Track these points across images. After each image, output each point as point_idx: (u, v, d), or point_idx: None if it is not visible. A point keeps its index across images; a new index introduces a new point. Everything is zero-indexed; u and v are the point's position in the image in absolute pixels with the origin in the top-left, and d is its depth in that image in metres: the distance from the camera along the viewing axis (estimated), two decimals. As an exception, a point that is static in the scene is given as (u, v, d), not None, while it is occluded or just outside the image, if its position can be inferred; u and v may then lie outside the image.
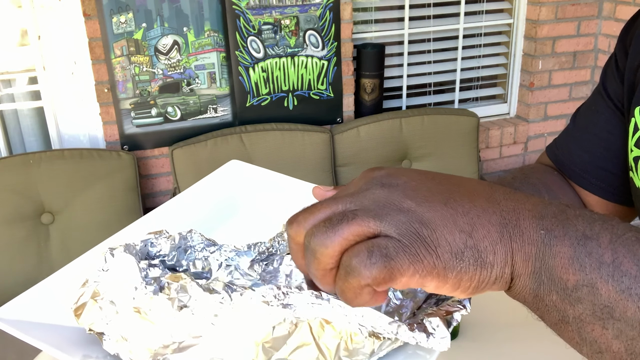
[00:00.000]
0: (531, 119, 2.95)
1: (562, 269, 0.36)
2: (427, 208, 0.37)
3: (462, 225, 0.37)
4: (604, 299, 0.35)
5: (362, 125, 2.47)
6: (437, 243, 0.36)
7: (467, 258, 0.37)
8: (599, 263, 0.35)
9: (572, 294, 0.36)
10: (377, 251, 0.36)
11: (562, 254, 0.36)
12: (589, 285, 0.35)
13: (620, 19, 2.76)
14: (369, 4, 2.63)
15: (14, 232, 2.09)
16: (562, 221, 0.37)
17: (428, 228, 0.37)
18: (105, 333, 0.48)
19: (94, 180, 2.17)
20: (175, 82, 2.35)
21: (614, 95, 0.70)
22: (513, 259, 0.38)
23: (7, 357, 1.83)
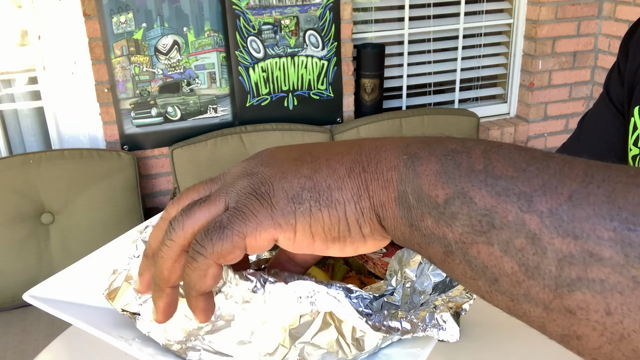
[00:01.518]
0: (531, 119, 2.95)
1: (430, 186, 0.33)
2: (273, 167, 0.37)
3: (304, 172, 0.36)
4: (480, 207, 0.31)
5: (362, 125, 2.47)
6: (273, 194, 0.36)
7: (306, 200, 0.35)
8: (469, 171, 0.32)
9: (446, 211, 0.32)
10: (212, 227, 0.36)
11: (427, 170, 0.33)
12: (460, 196, 0.31)
13: (620, 19, 2.76)
14: (369, 4, 2.63)
15: (14, 232, 2.09)
16: (430, 144, 0.34)
17: (266, 184, 0.36)
18: (139, 313, 0.50)
19: (94, 180, 2.17)
20: (175, 82, 2.35)
21: (616, 99, 0.73)
22: (368, 189, 0.35)
23: (6, 357, 1.84)
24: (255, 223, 0.35)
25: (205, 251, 0.35)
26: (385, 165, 0.35)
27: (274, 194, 0.36)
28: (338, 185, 0.35)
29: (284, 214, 0.35)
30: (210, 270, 0.36)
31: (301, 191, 0.35)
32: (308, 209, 0.35)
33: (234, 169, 0.39)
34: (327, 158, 0.37)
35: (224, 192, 0.37)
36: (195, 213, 0.37)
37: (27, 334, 1.93)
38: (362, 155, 0.36)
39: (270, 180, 0.36)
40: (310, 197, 0.35)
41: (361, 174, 0.35)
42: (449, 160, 0.33)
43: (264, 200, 0.36)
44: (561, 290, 0.28)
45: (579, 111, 3.03)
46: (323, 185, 0.35)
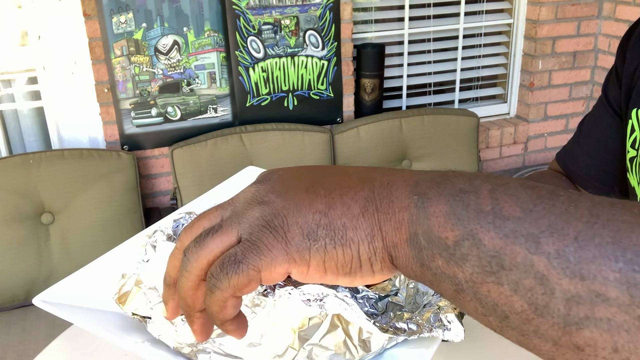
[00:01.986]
0: (531, 119, 2.95)
1: (439, 228, 0.33)
2: (286, 197, 0.37)
3: (318, 207, 0.36)
4: (489, 249, 0.32)
5: (362, 125, 2.47)
6: (287, 229, 0.36)
7: (321, 237, 0.36)
8: (477, 212, 0.33)
9: (456, 252, 0.33)
10: (227, 261, 0.36)
11: (437, 212, 0.34)
12: (470, 238, 0.32)
13: (620, 19, 2.76)
14: (369, 4, 2.63)
15: (14, 232, 2.09)
16: (439, 183, 0.35)
17: (279, 217, 0.36)
18: (150, 317, 0.50)
19: (94, 180, 2.17)
20: (175, 82, 2.35)
21: (614, 102, 0.74)
22: (381, 230, 0.36)
23: (7, 357, 1.83)
24: (270, 258, 0.36)
25: (221, 284, 0.36)
26: (397, 205, 0.35)
27: (288, 228, 0.36)
28: (353, 224, 0.36)
29: (298, 250, 0.36)
30: (229, 302, 0.37)
31: (316, 228, 0.36)
32: (323, 247, 0.36)
33: (243, 195, 0.39)
34: (340, 193, 0.37)
35: (236, 222, 0.37)
36: (209, 244, 0.37)
37: (27, 334, 1.93)
38: (375, 193, 0.36)
39: (283, 212, 0.36)
40: (325, 234, 0.36)
41: (375, 213, 0.36)
42: (457, 202, 0.33)
43: (278, 235, 0.36)
44: (569, 328, 0.29)
45: (579, 111, 3.03)
46: (338, 224, 0.36)
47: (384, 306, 0.50)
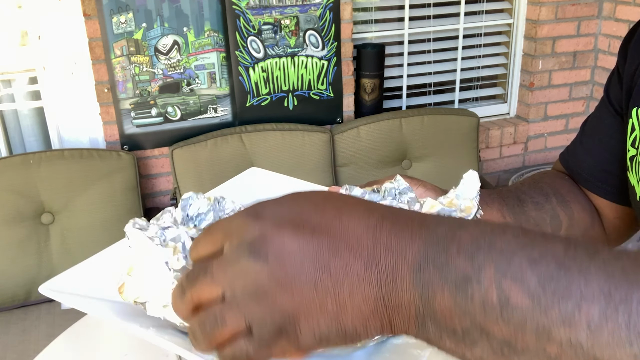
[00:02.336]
0: (531, 119, 2.95)
1: (447, 319, 0.34)
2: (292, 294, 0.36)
3: (329, 309, 0.36)
4: (499, 338, 0.32)
5: (362, 125, 2.47)
6: (299, 332, 0.36)
7: (334, 340, 0.36)
8: (483, 306, 0.32)
9: (465, 339, 0.33)
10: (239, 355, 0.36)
11: (442, 305, 0.34)
12: (478, 329, 0.33)
13: (620, 19, 2.76)
14: (369, 4, 2.63)
15: (14, 232, 2.09)
16: (441, 267, 0.34)
17: (291, 322, 0.36)
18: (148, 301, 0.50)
19: (94, 180, 2.17)
20: (175, 82, 2.35)
21: (615, 101, 0.74)
22: (390, 323, 0.36)
23: (7, 357, 1.84)
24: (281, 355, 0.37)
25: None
26: (404, 300, 0.35)
27: (300, 332, 0.36)
28: (363, 324, 0.36)
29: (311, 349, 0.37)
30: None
31: (328, 333, 0.36)
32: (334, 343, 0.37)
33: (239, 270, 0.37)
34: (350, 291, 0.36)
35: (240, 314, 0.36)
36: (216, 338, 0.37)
37: (27, 334, 1.93)
38: (382, 285, 0.35)
39: (295, 317, 0.36)
40: (336, 336, 0.36)
41: (384, 312, 0.36)
42: (460, 293, 0.33)
43: (290, 339, 0.36)
44: None
45: (579, 111, 3.03)
46: (349, 327, 0.36)
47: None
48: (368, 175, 2.50)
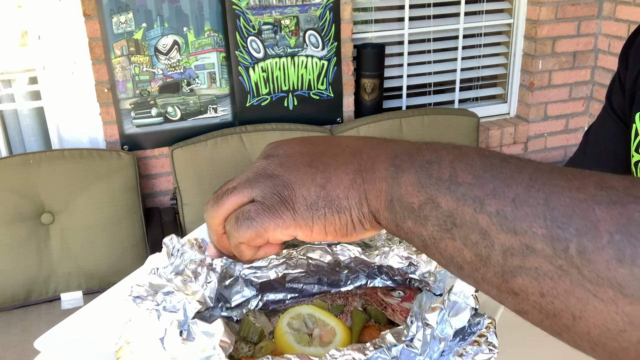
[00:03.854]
0: (531, 119, 2.95)
1: (408, 195, 0.40)
2: (292, 171, 0.45)
3: (318, 181, 0.44)
4: (445, 210, 0.38)
5: (362, 125, 2.47)
6: (295, 200, 0.44)
7: (321, 207, 0.43)
8: (437, 180, 0.39)
9: (420, 214, 0.39)
10: (241, 216, 0.45)
11: (407, 182, 0.40)
12: (430, 202, 0.39)
13: (620, 19, 2.76)
14: (369, 4, 2.63)
15: (14, 232, 2.09)
16: (412, 154, 0.41)
17: (288, 189, 0.44)
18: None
19: (94, 180, 2.17)
20: (175, 82, 2.35)
21: (618, 108, 0.75)
22: (367, 198, 0.42)
23: (7, 357, 1.84)
24: (279, 222, 0.44)
25: (235, 234, 0.45)
26: (378, 176, 0.42)
27: (295, 199, 0.44)
28: (345, 194, 0.43)
29: (304, 218, 0.44)
30: (242, 247, 0.46)
31: (317, 200, 0.43)
32: (323, 215, 0.43)
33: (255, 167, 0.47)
34: (335, 167, 0.44)
35: (249, 187, 0.45)
36: (224, 203, 0.46)
37: (27, 334, 1.93)
38: (362, 166, 0.43)
39: (291, 186, 0.44)
40: (324, 205, 0.43)
41: (361, 184, 0.43)
42: (423, 171, 0.40)
43: (287, 204, 0.44)
44: (507, 276, 0.35)
45: (579, 111, 3.03)
46: (334, 195, 0.43)
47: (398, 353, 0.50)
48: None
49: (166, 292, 0.52)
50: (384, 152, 0.43)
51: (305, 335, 0.56)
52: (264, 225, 0.44)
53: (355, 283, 0.65)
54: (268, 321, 0.60)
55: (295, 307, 0.60)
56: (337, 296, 0.63)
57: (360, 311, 0.60)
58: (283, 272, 0.63)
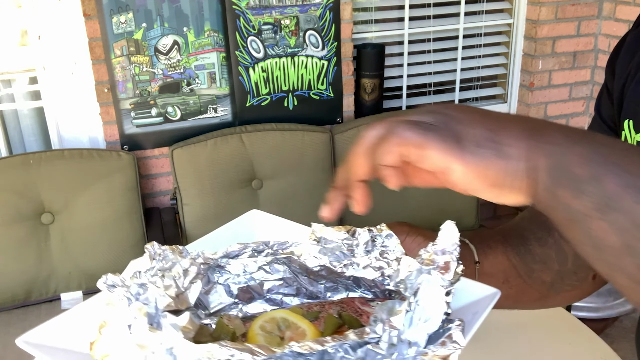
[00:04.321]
0: (531, 119, 2.95)
1: (575, 165, 0.41)
2: (465, 113, 0.45)
3: (490, 125, 0.44)
4: (607, 191, 0.39)
5: (362, 125, 2.47)
6: (464, 134, 0.44)
7: (488, 148, 0.43)
8: (608, 162, 0.40)
9: (580, 187, 0.40)
10: (419, 124, 0.44)
11: (578, 152, 0.41)
12: (595, 179, 0.39)
13: (620, 19, 2.76)
14: (369, 4, 2.63)
15: (14, 232, 2.09)
16: (584, 132, 0.43)
17: (460, 124, 0.44)
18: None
19: (94, 180, 2.17)
20: (175, 82, 2.35)
21: (608, 118, 0.75)
22: (534, 155, 0.43)
23: (6, 357, 1.84)
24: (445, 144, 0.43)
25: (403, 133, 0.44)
26: (549, 139, 0.43)
27: (465, 134, 0.44)
28: (515, 145, 0.43)
29: (469, 152, 0.43)
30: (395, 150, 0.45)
31: (486, 140, 0.44)
32: (488, 155, 0.43)
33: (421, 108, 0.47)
34: (507, 120, 0.45)
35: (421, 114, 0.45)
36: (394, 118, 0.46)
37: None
38: (534, 127, 0.44)
39: (464, 122, 0.44)
40: (492, 147, 0.43)
41: (533, 142, 0.43)
42: (595, 149, 0.41)
43: (456, 136, 0.44)
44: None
45: (579, 111, 3.03)
46: (503, 141, 0.43)
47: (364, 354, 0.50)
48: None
49: (140, 284, 0.54)
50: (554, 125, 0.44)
51: (277, 337, 0.57)
52: (433, 142, 0.43)
53: (334, 296, 0.65)
54: (242, 324, 0.60)
55: (270, 312, 0.61)
56: (314, 304, 0.64)
57: (334, 317, 0.61)
58: (260, 279, 0.63)
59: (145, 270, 0.57)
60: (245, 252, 0.63)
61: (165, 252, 0.59)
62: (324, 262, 0.62)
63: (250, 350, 0.47)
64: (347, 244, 0.62)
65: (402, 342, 0.50)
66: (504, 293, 0.76)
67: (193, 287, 0.59)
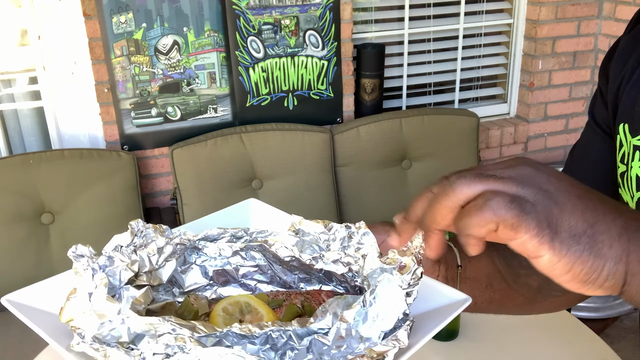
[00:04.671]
0: (531, 119, 2.95)
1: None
2: (563, 194, 0.43)
3: (587, 217, 0.42)
4: None
5: (362, 125, 2.47)
6: (561, 222, 0.42)
7: (583, 243, 0.42)
8: None
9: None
10: (517, 201, 0.42)
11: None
12: None
13: (620, 19, 2.76)
14: (369, 4, 2.63)
15: (14, 232, 2.09)
16: None
17: (558, 208, 0.42)
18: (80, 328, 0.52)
19: (94, 180, 2.17)
20: (175, 82, 2.35)
21: (602, 122, 0.75)
22: (628, 257, 0.41)
23: (7, 357, 1.84)
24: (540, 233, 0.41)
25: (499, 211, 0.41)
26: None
27: (562, 222, 0.42)
28: (610, 243, 0.42)
29: (562, 243, 0.42)
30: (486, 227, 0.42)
31: (582, 234, 0.42)
32: (580, 251, 0.42)
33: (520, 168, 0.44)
34: (604, 212, 0.43)
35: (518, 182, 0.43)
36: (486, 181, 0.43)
37: (27, 334, 1.92)
38: (629, 224, 0.43)
39: (562, 207, 0.42)
40: (586, 242, 0.42)
41: (627, 242, 0.42)
42: None
43: (553, 224, 0.42)
44: None
45: (579, 111, 3.03)
46: (599, 238, 0.42)
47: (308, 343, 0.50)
48: (368, 175, 2.50)
49: (108, 257, 0.57)
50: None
51: (236, 320, 0.58)
52: (529, 225, 0.41)
53: (306, 287, 0.65)
54: (207, 305, 0.63)
55: (236, 296, 0.63)
56: (281, 292, 0.65)
57: (297, 306, 0.61)
58: (236, 264, 0.64)
59: (126, 245, 0.60)
60: (224, 237, 0.65)
61: (148, 230, 0.62)
62: (295, 254, 0.62)
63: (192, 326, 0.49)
64: (324, 239, 0.62)
65: (353, 336, 0.50)
66: (487, 297, 0.76)
67: (167, 265, 0.61)
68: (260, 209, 0.74)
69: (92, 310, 0.51)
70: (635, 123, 0.65)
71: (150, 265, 0.60)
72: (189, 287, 0.64)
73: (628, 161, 0.66)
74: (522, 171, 0.44)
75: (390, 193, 2.53)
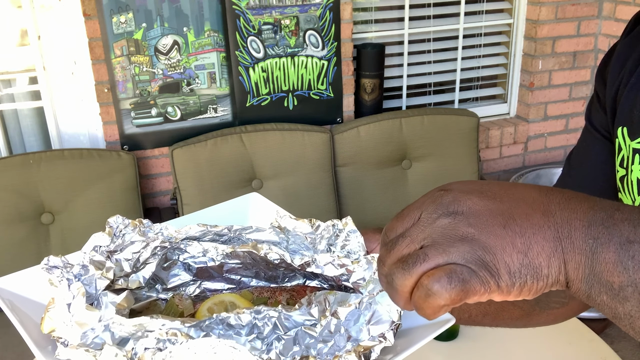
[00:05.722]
0: (531, 119, 2.95)
1: (608, 273, 0.41)
2: (488, 234, 0.43)
3: (519, 246, 0.43)
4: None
5: (362, 125, 2.47)
6: (498, 266, 0.43)
7: (524, 275, 0.43)
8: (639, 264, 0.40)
9: (619, 294, 0.41)
10: (455, 277, 0.42)
11: (607, 259, 0.41)
12: (632, 285, 0.40)
13: (620, 19, 2.76)
14: (369, 4, 2.63)
15: (14, 232, 2.09)
16: (609, 227, 0.42)
17: (489, 253, 0.43)
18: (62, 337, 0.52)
19: (94, 180, 2.17)
20: (175, 82, 2.35)
21: (600, 127, 0.74)
22: (566, 267, 0.43)
23: (6, 357, 1.84)
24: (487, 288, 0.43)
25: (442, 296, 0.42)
26: (577, 247, 0.43)
27: (499, 266, 0.43)
28: (547, 263, 0.43)
29: (506, 284, 0.43)
30: (443, 309, 0.43)
31: (520, 267, 0.43)
32: (524, 281, 0.43)
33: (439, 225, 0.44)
34: (532, 232, 0.43)
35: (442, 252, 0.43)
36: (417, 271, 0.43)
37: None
38: (559, 233, 0.43)
39: (492, 251, 0.43)
40: (527, 272, 0.43)
41: (561, 254, 0.43)
42: (624, 251, 0.41)
43: (492, 271, 0.43)
44: None
45: (579, 111, 3.03)
46: (536, 263, 0.43)
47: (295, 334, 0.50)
48: (368, 175, 2.50)
49: (82, 266, 0.58)
50: (576, 216, 0.43)
51: None
52: (475, 289, 0.42)
53: (292, 282, 0.65)
54: (192, 305, 0.63)
55: (220, 295, 0.63)
56: (265, 289, 0.65)
57: (281, 303, 0.61)
58: (220, 261, 0.64)
59: (106, 245, 0.60)
60: (207, 236, 0.64)
61: (127, 229, 0.61)
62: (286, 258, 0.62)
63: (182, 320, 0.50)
64: (310, 237, 0.62)
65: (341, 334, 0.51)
66: (481, 311, 0.76)
67: (146, 268, 0.61)
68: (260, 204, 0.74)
69: (72, 321, 0.52)
70: (634, 126, 0.65)
71: (125, 270, 0.60)
72: (173, 283, 0.64)
73: (628, 165, 0.66)
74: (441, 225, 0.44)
75: (390, 193, 2.53)
